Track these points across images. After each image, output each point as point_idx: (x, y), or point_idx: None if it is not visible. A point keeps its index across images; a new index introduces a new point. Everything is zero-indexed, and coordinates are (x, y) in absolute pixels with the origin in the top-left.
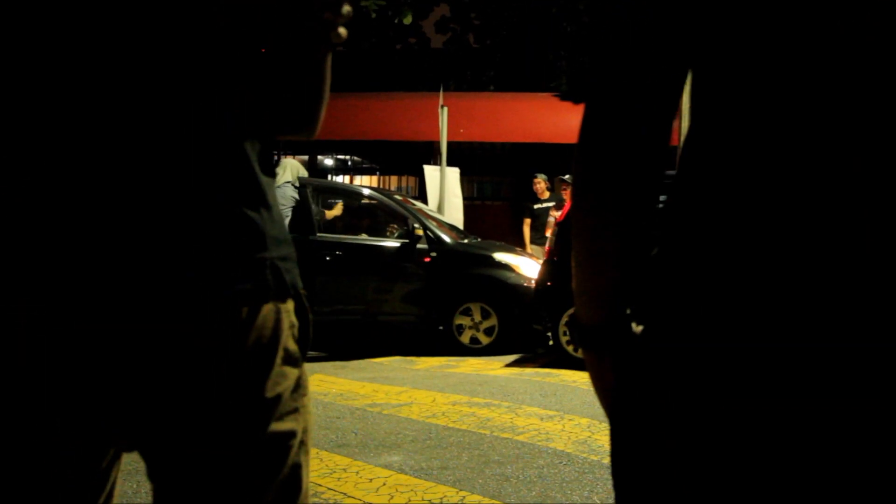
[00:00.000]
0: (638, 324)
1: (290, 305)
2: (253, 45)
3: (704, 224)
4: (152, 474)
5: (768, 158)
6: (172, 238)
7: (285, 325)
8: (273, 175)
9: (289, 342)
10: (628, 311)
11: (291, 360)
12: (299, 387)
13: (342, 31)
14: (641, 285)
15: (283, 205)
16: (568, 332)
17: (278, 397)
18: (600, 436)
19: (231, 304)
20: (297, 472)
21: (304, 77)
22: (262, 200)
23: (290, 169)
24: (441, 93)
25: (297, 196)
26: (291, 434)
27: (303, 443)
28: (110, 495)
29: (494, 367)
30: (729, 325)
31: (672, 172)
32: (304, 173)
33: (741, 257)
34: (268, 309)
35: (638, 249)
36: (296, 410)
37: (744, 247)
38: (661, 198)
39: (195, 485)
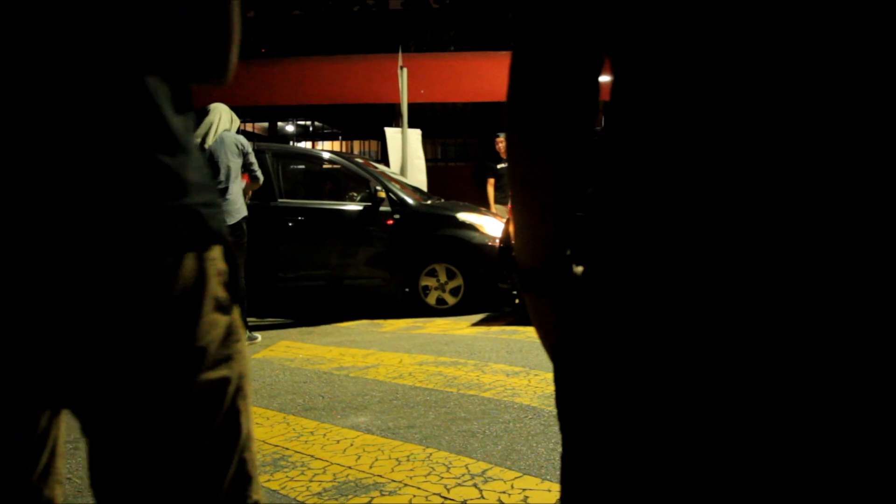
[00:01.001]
0: (578, 265)
1: (216, 252)
2: None
3: (633, 164)
4: (86, 429)
5: (686, 103)
6: (85, 189)
7: (212, 272)
8: (189, 116)
9: (217, 289)
10: (568, 253)
11: (221, 307)
12: (231, 333)
13: None
14: (579, 227)
15: (229, 161)
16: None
17: (209, 345)
18: None
19: (154, 253)
20: (234, 417)
21: (209, 20)
22: (179, 146)
23: (224, 114)
24: (400, 54)
25: (243, 147)
26: (225, 381)
27: (239, 388)
28: (53, 455)
29: (461, 327)
30: (660, 263)
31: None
32: (236, 122)
33: (667, 197)
34: (193, 256)
35: (574, 191)
36: (229, 357)
37: (668, 186)
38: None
39: (130, 436)
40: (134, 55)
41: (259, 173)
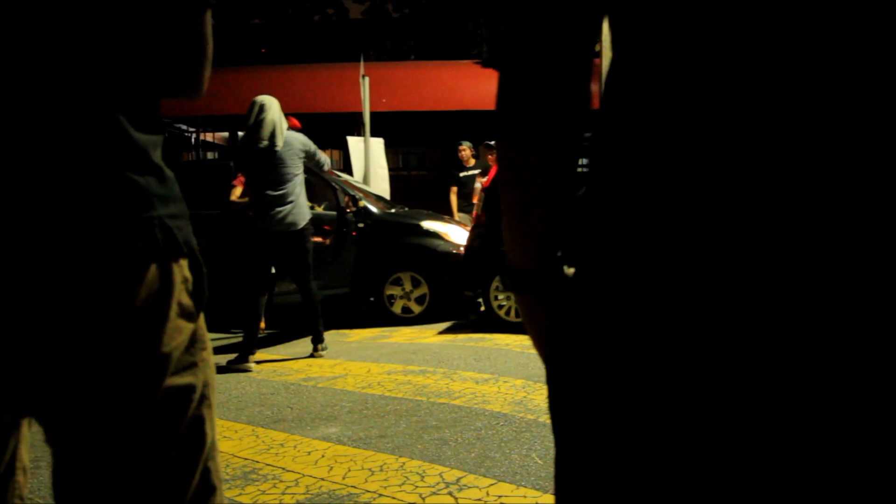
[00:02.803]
0: (569, 266)
1: (182, 262)
2: (127, 7)
3: (626, 165)
4: (51, 439)
5: (682, 98)
6: (49, 205)
7: (177, 279)
8: (157, 133)
9: (182, 297)
10: (559, 255)
11: (186, 314)
12: (196, 341)
13: None
14: (571, 227)
15: (296, 166)
16: (499, 297)
17: (174, 351)
18: (535, 395)
19: (117, 264)
20: (198, 425)
21: (182, 37)
22: (145, 161)
23: (278, 109)
24: (362, 63)
25: (307, 148)
26: (190, 388)
27: (204, 397)
28: (11, 466)
29: (427, 335)
30: (651, 264)
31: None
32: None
33: (661, 199)
34: (157, 266)
35: (565, 192)
36: (194, 365)
37: (663, 188)
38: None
39: (95, 444)
40: (104, 72)
41: (325, 162)
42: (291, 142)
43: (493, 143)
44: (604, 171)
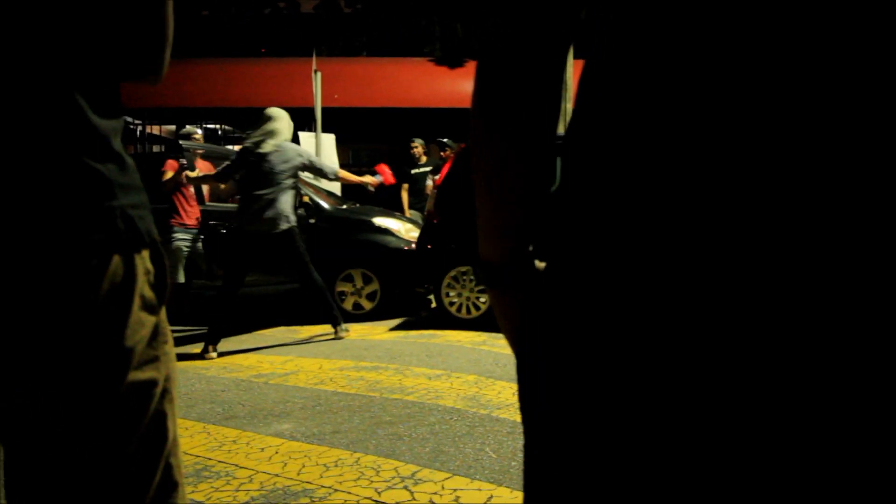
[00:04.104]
0: (540, 261)
1: (144, 253)
2: None
3: (599, 162)
4: (4, 436)
5: (658, 98)
6: (10, 190)
7: (140, 271)
8: (118, 119)
9: (144, 289)
10: (531, 249)
11: (148, 307)
12: (159, 334)
13: None
14: (543, 223)
15: (281, 170)
16: (450, 294)
17: (136, 345)
18: (488, 391)
19: (79, 254)
20: (160, 420)
21: (143, 20)
22: (106, 149)
23: (285, 124)
24: (314, 57)
25: (302, 157)
26: (152, 383)
27: (166, 391)
28: None
29: (379, 332)
30: (622, 262)
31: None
32: (291, 128)
33: (635, 194)
34: (119, 257)
35: (539, 189)
36: (156, 359)
37: (637, 184)
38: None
39: (53, 440)
40: (63, 54)
41: (327, 171)
42: (286, 150)
43: (445, 140)
44: (577, 168)
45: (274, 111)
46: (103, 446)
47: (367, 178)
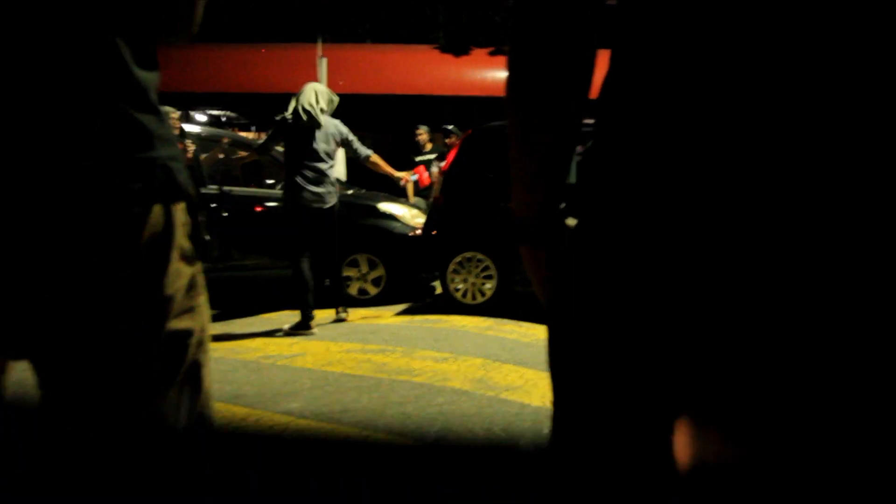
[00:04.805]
0: (571, 218)
1: (182, 205)
2: None
3: (628, 130)
4: (44, 383)
5: (685, 71)
6: (54, 136)
7: (178, 221)
8: (155, 72)
9: (182, 239)
10: (562, 207)
11: (186, 258)
12: (194, 285)
13: None
14: (573, 183)
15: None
16: (455, 280)
17: (175, 293)
18: (495, 373)
19: (123, 203)
20: (196, 370)
21: None
22: (146, 101)
23: (321, 93)
24: (319, 43)
25: (341, 133)
26: (189, 332)
27: (201, 342)
28: None
29: (385, 316)
30: (646, 220)
31: None
32: (336, 100)
33: (659, 160)
34: (160, 207)
35: (566, 152)
36: (192, 309)
37: (662, 148)
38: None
39: (94, 388)
40: (102, 12)
41: (361, 152)
42: (327, 124)
43: (450, 127)
44: (606, 133)
45: (313, 84)
46: (143, 393)
47: (403, 174)
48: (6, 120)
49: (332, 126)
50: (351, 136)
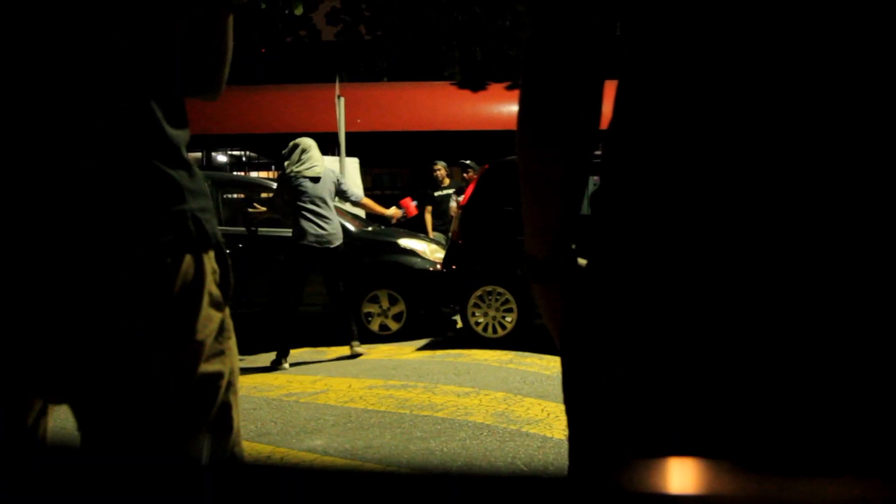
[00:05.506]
0: (583, 258)
1: (211, 253)
2: (156, 6)
3: (638, 164)
4: (83, 425)
5: (686, 103)
6: (93, 194)
7: (208, 270)
8: (185, 130)
9: (212, 287)
10: (573, 247)
11: (216, 304)
12: (224, 329)
13: None
14: (584, 223)
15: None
16: (476, 314)
17: (206, 339)
18: (517, 407)
19: (156, 254)
20: (226, 411)
21: (207, 38)
22: (177, 157)
23: (316, 150)
24: (337, 83)
25: (337, 178)
26: (219, 375)
27: (230, 383)
28: (38, 452)
29: (406, 352)
30: (657, 259)
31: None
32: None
33: (663, 194)
34: (191, 256)
35: (578, 189)
36: (222, 353)
37: (668, 186)
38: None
39: (129, 430)
40: (138, 73)
41: (351, 195)
42: (327, 173)
43: (468, 162)
44: (615, 171)
45: (306, 140)
46: (178, 435)
47: (392, 211)
48: (56, 181)
49: (329, 172)
50: (342, 180)
